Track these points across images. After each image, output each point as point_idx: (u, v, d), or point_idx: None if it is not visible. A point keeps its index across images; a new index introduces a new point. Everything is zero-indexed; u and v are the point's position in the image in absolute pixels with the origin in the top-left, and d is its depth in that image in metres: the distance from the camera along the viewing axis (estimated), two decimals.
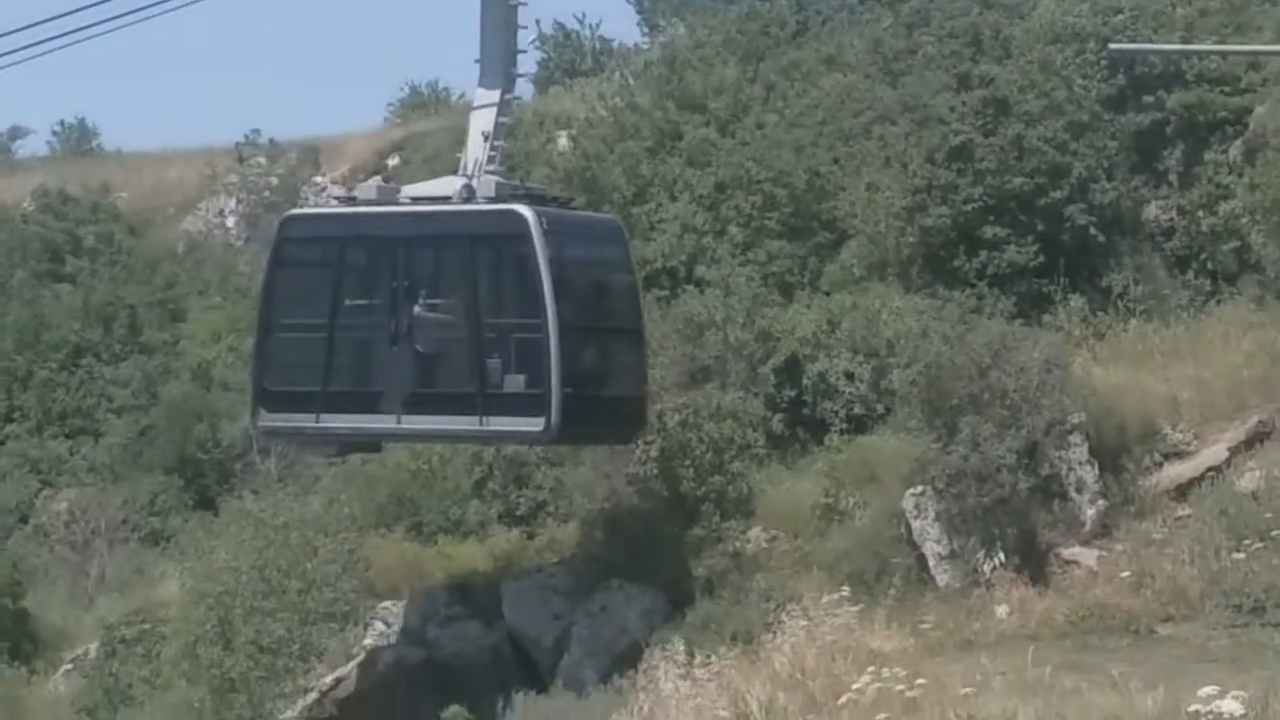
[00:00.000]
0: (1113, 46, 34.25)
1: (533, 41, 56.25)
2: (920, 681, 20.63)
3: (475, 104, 30.30)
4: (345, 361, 29.79)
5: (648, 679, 27.71)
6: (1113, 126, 35.86)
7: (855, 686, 21.74)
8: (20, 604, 41.84)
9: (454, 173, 30.61)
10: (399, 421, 28.97)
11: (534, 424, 27.77)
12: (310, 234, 31.01)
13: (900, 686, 20.62)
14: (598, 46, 61.46)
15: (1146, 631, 27.22)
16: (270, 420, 30.50)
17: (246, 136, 57.89)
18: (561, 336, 27.08)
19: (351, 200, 31.57)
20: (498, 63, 29.69)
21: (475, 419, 28.22)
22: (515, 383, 27.75)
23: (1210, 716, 14.45)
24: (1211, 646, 26.12)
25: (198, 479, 45.27)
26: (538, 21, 50.73)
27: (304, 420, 29.79)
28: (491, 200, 28.48)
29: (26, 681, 39.83)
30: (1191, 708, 15.30)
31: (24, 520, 46.19)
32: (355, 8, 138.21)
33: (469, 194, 28.62)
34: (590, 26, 60.79)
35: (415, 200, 29.93)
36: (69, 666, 39.32)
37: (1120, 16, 35.78)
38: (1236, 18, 35.69)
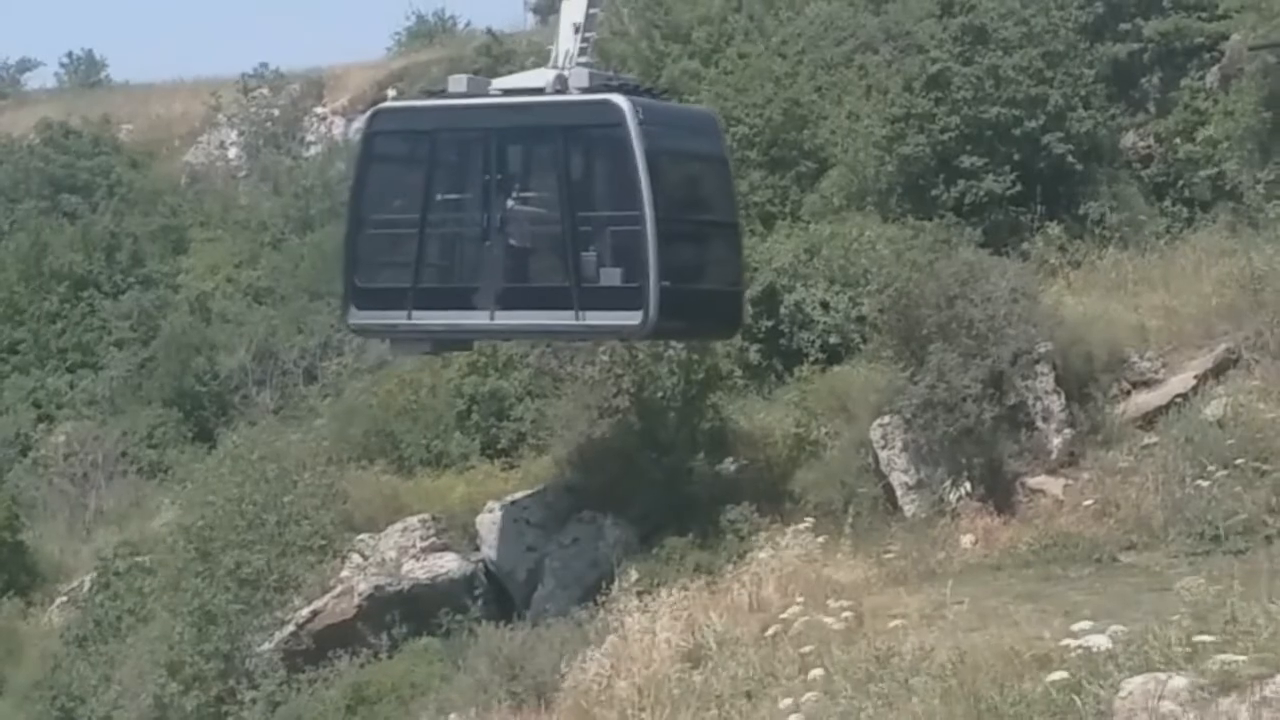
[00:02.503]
0: None
1: None
2: (846, 614, 20.79)
3: None
4: (437, 257, 29.67)
5: (608, 610, 27.92)
6: (1090, 55, 35.85)
7: (782, 617, 21.97)
8: (18, 537, 42.31)
9: None
10: (492, 318, 28.72)
11: (631, 318, 27.44)
12: (399, 127, 30.66)
13: (828, 619, 20.84)
14: None
15: (1109, 560, 27.19)
16: (361, 318, 30.28)
17: (253, 69, 58.06)
18: (658, 229, 26.86)
19: (441, 93, 30.81)
20: None
21: (571, 314, 27.87)
22: (611, 276, 27.59)
23: (1080, 650, 14.62)
24: (1170, 574, 26.28)
25: (196, 411, 45.66)
26: None
27: (396, 317, 29.48)
28: (585, 91, 28.08)
29: (23, 614, 40.36)
30: (1063, 641, 15.52)
31: (24, 453, 46.56)
32: None
33: (561, 85, 28.31)
34: None
35: (507, 92, 29.59)
36: (64, 599, 39.79)
37: None
38: None
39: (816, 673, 18.55)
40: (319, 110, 56.49)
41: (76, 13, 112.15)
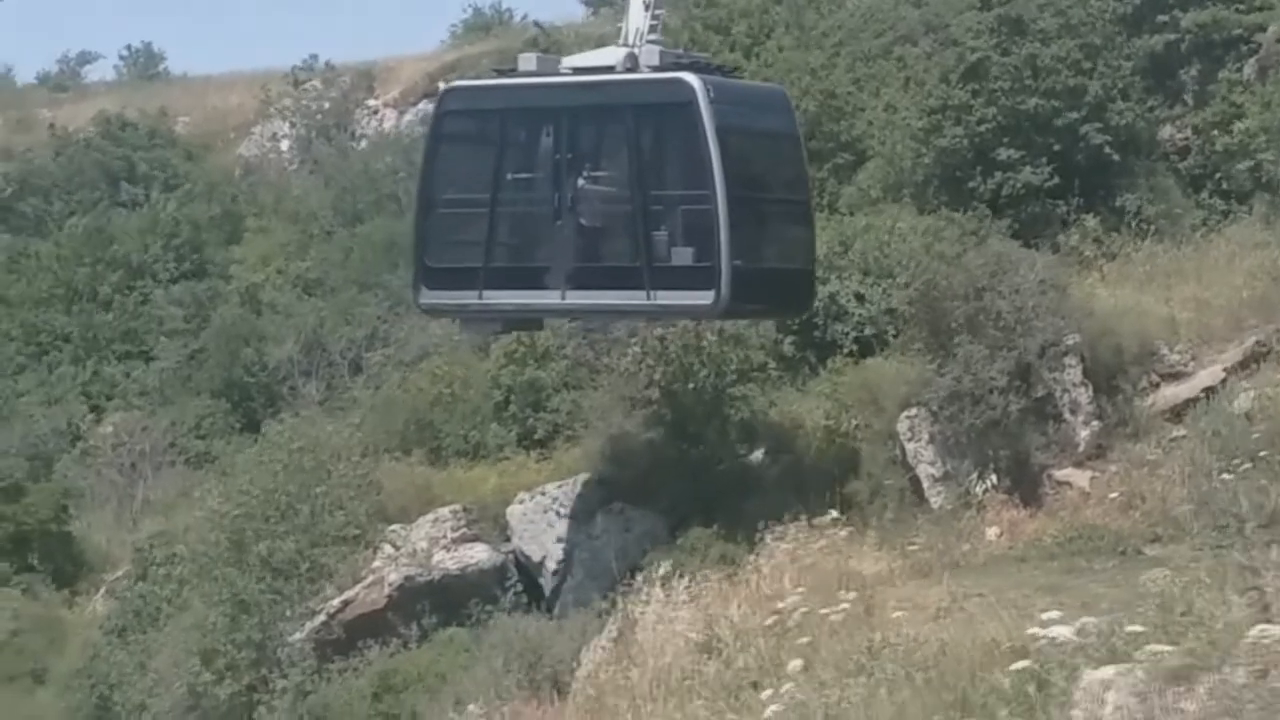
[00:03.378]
0: None
1: None
2: (844, 606, 20.80)
3: None
4: (508, 237, 29.56)
5: (629, 601, 27.99)
6: (1128, 47, 35.79)
7: (779, 607, 22.01)
8: (65, 528, 42.68)
9: None
10: (563, 297, 28.73)
11: (703, 297, 27.34)
12: (470, 106, 30.64)
13: (826, 610, 20.86)
14: None
15: (1134, 553, 27.06)
16: (432, 297, 30.03)
17: (304, 61, 58.36)
18: (730, 207, 26.72)
19: (511, 72, 30.80)
20: None
21: (642, 293, 27.80)
22: (683, 255, 27.54)
23: (1045, 640, 14.64)
24: (1193, 568, 26.23)
25: (244, 402, 45.92)
26: None
27: (467, 297, 29.41)
28: (655, 69, 28.03)
29: (69, 603, 40.73)
30: (1030, 630, 15.53)
31: (74, 443, 46.88)
32: None
33: (632, 63, 28.18)
34: None
35: (577, 71, 29.52)
36: (106, 589, 40.11)
37: None
38: None
39: (796, 664, 18.61)
40: (370, 103, 56.67)
41: (136, 6, 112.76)
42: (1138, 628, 14.20)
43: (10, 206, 56.89)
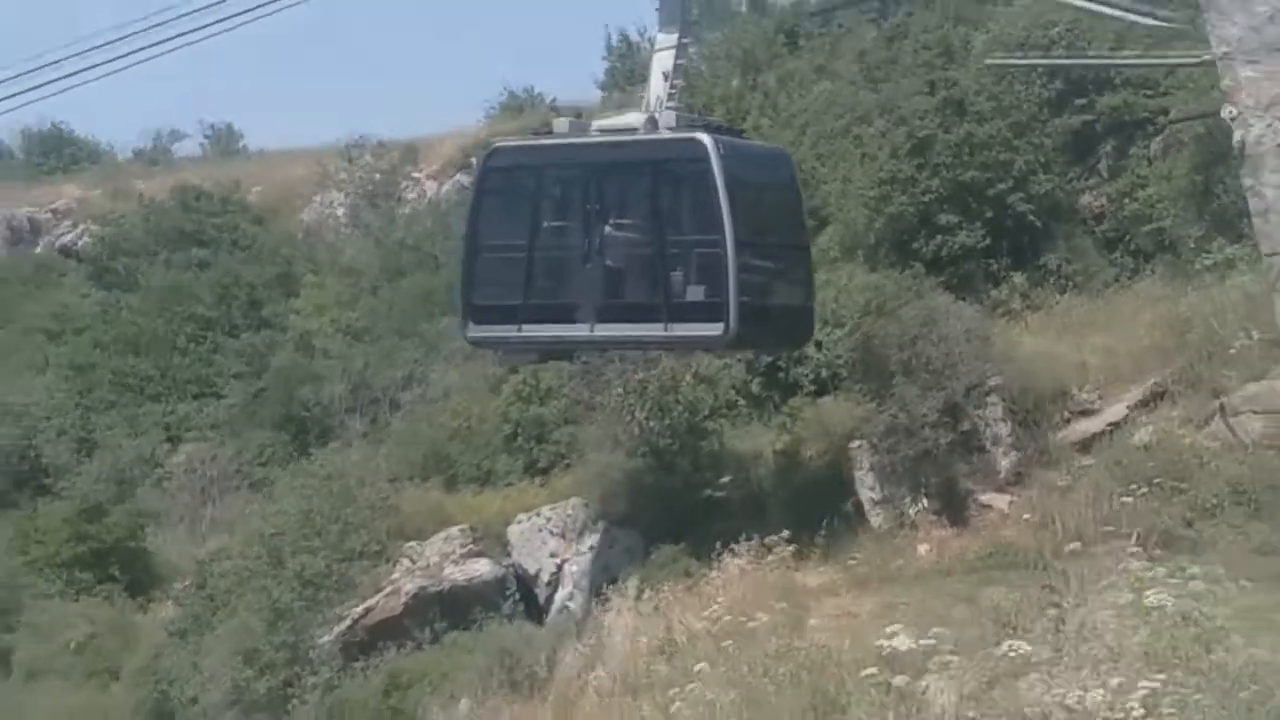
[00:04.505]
0: (989, 61, 34.32)
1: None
2: (762, 617, 20.81)
3: (656, 48, 29.87)
4: (543, 278, 29.03)
5: (603, 610, 28.11)
6: (1051, 125, 35.82)
7: (705, 614, 22.04)
8: (140, 544, 42.79)
9: None
10: (592, 330, 28.45)
11: (713, 329, 27.12)
12: (511, 164, 30.28)
13: (763, 616, 20.80)
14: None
15: (1045, 567, 27.28)
16: (478, 331, 29.84)
17: (357, 139, 58.51)
18: (737, 250, 26.61)
19: (548, 133, 30.89)
20: (675, 10, 29.28)
21: (660, 326, 27.63)
22: (696, 292, 27.29)
23: (888, 650, 14.70)
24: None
25: (300, 434, 45.75)
26: (606, 26, 50.95)
27: (508, 330, 29.29)
28: (673, 130, 27.98)
29: (142, 609, 40.81)
30: (876, 642, 15.58)
31: (153, 470, 47.00)
32: (470, 27, 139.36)
33: (652, 125, 28.10)
34: (650, 40, 60.70)
35: (605, 132, 29.44)
36: (173, 598, 40.20)
37: (1057, 28, 35.56)
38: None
39: (703, 666, 18.66)
40: (413, 174, 56.78)
41: (220, 89, 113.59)
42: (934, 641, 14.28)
43: (105, 265, 57.10)
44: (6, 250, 63.07)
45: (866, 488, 30.44)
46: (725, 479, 31.86)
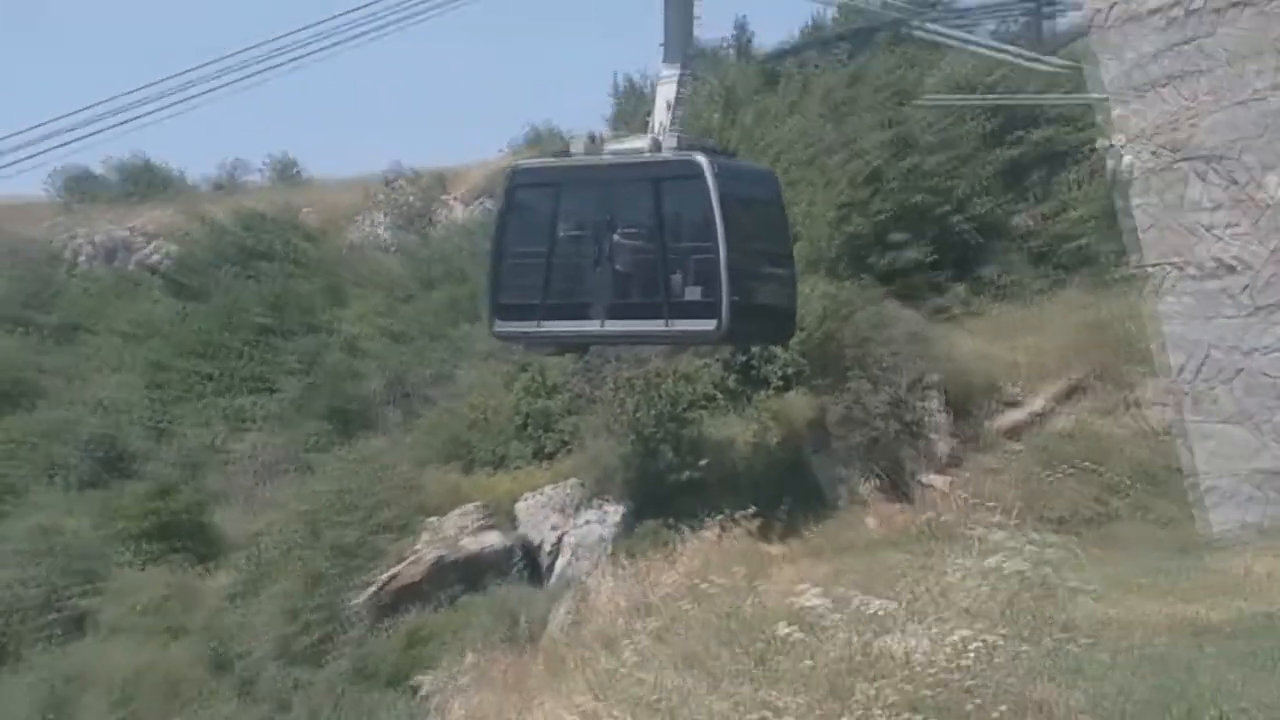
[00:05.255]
0: (916, 102, 34.42)
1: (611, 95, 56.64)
2: (720, 581, 20.68)
3: (660, 79, 29.62)
4: (560, 279, 28.55)
5: (591, 576, 28.12)
6: (989, 156, 35.86)
7: (666, 580, 21.96)
8: (203, 519, 42.79)
9: None
10: (602, 326, 28.15)
11: (708, 325, 26.84)
12: (533, 181, 29.72)
13: (703, 583, 20.66)
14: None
15: (977, 539, 27.22)
16: (503, 326, 29.56)
17: (395, 168, 58.60)
18: (729, 256, 26.36)
19: (565, 154, 30.06)
20: (678, 45, 29.04)
21: (662, 322, 27.35)
22: (693, 293, 26.92)
23: (801, 608, 14.63)
24: (1024, 550, 26.23)
25: (345, 424, 45.64)
26: (615, 73, 50.83)
27: (529, 326, 28.91)
28: (674, 151, 27.66)
29: (205, 576, 40.80)
30: (788, 599, 15.51)
31: (217, 455, 47.02)
32: (496, 68, 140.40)
33: (656, 147, 27.88)
34: (651, 80, 60.53)
35: (615, 153, 29.04)
36: (230, 566, 40.24)
37: (996, 74, 35.53)
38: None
39: (655, 623, 18.62)
40: (444, 198, 56.77)
41: (282, 122, 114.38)
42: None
43: (179, 279, 57.22)
44: (100, 265, 63.32)
45: (823, 470, 30.38)
46: (703, 462, 31.63)
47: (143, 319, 55.13)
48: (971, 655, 10.14)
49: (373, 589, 32.60)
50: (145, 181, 70.73)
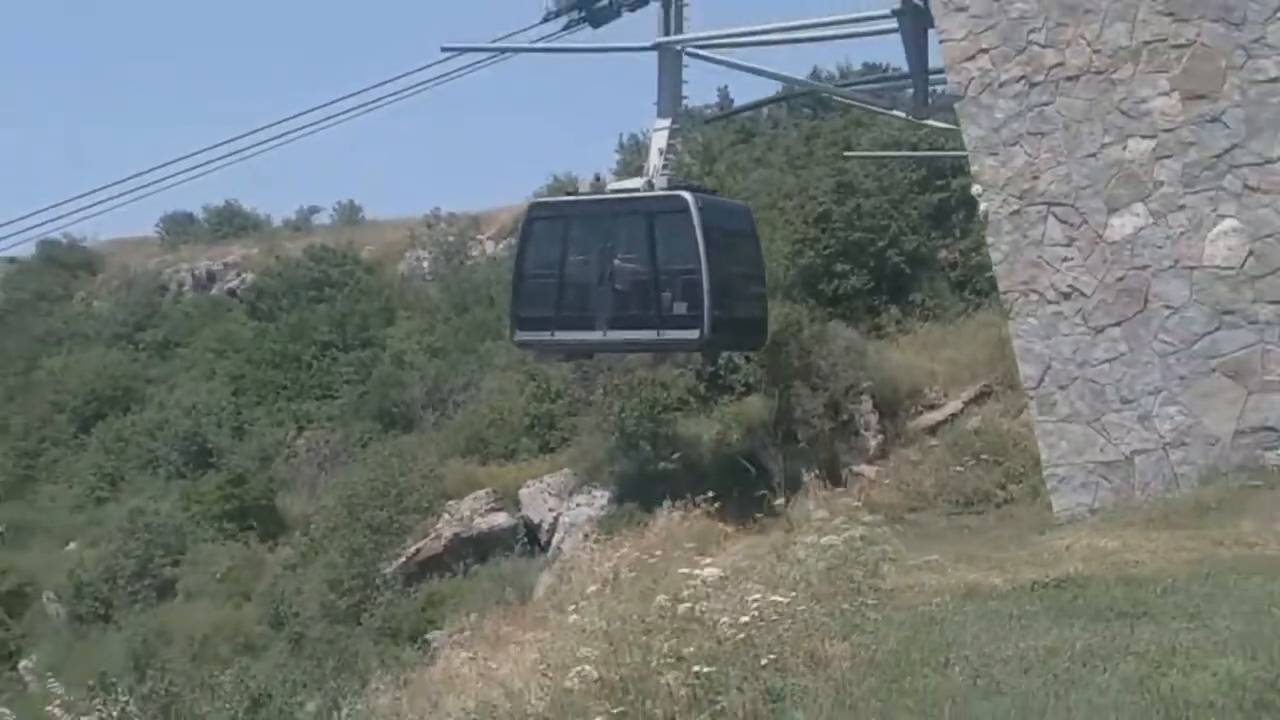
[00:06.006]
0: (847, 154, 34.30)
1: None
2: (662, 554, 20.46)
3: (654, 129, 28.84)
4: (570, 296, 27.99)
5: (574, 550, 28.03)
6: (918, 199, 35.70)
7: (618, 555, 21.73)
8: (270, 503, 42.93)
9: None
10: (605, 335, 27.57)
11: (692, 334, 26.26)
12: (548, 214, 29.13)
13: (653, 558, 20.49)
14: None
15: (899, 518, 27.13)
16: (522, 335, 28.90)
17: (435, 212, 58.68)
18: (710, 277, 25.91)
19: (574, 193, 30.37)
20: (669, 102, 28.37)
21: (654, 331, 26.86)
22: (680, 308, 26.46)
23: (695, 579, 14.30)
24: (934, 527, 26.22)
25: (390, 425, 45.73)
26: (620, 133, 50.78)
27: (543, 335, 28.32)
28: (665, 189, 27.28)
29: (271, 550, 40.91)
30: (682, 570, 15.16)
31: (285, 450, 47.18)
32: (520, 129, 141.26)
33: (650, 186, 27.51)
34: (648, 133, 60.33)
35: (616, 191, 28.99)
36: (290, 542, 40.29)
37: (924, 130, 35.37)
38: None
39: (593, 588, 18.39)
40: (477, 237, 56.78)
41: (348, 172, 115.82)
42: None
43: (256, 303, 57.41)
44: (194, 292, 63.60)
45: (772, 461, 30.21)
46: (675, 455, 31.57)
47: (227, 337, 55.41)
48: (773, 616, 10.06)
49: (401, 560, 32.78)
50: (234, 223, 71.14)
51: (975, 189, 19.79)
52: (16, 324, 64.22)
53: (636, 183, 28.59)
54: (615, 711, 8.86)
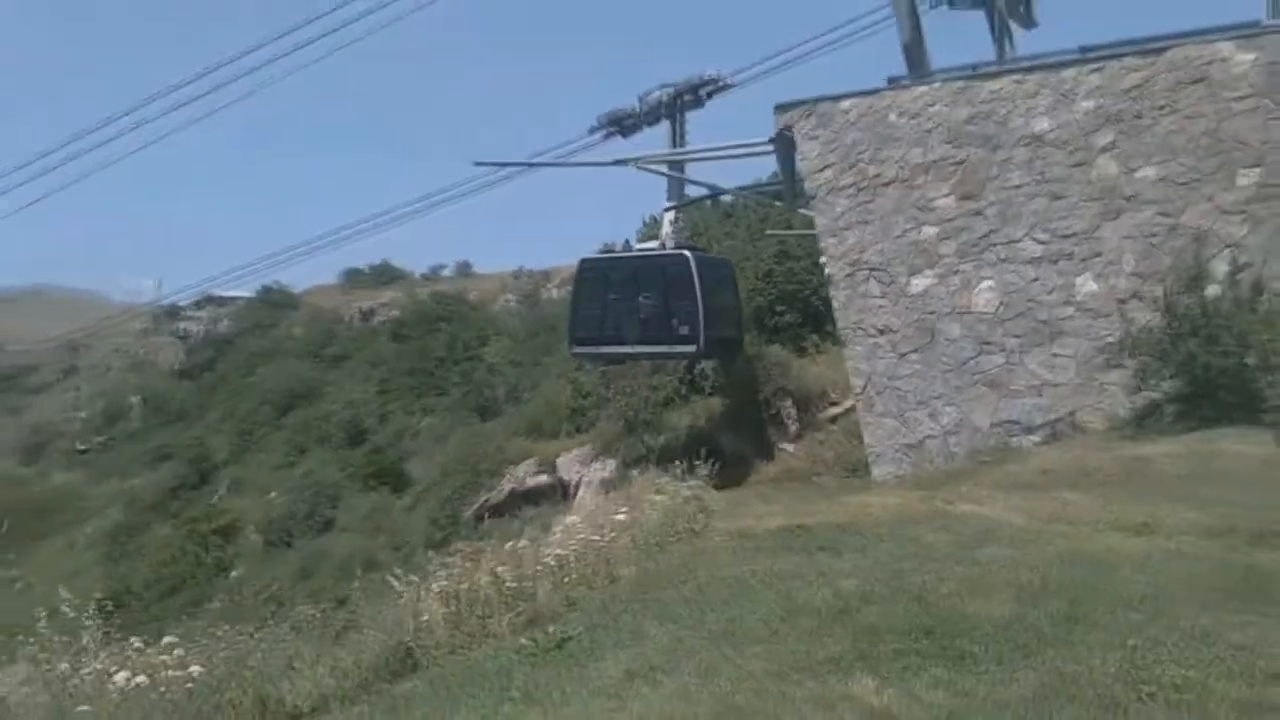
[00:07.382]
0: (768, 232, 34.38)
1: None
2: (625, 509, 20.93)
3: (665, 209, 29.32)
4: (609, 321, 28.09)
5: (588, 499, 28.56)
6: None
7: (619, 503, 22.00)
8: (400, 467, 43.76)
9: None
10: (633, 349, 27.72)
11: (691, 348, 26.56)
12: (594, 265, 29.17)
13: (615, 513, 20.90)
14: None
15: (808, 481, 27.54)
16: (577, 349, 29.05)
17: (518, 269, 59.29)
18: (704, 308, 26.07)
19: (612, 251, 30.62)
20: (676, 193, 29.01)
21: (666, 345, 27.01)
22: (684, 330, 26.65)
23: (615, 524, 14.56)
24: (829, 486, 26.50)
25: (484, 414, 45.94)
26: (643, 214, 51.10)
27: (591, 349, 28.46)
28: (674, 249, 27.63)
29: (397, 500, 41.69)
30: (618, 515, 15.50)
31: (413, 430, 47.92)
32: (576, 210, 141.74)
33: (663, 247, 27.85)
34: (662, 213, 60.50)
35: (640, 251, 29.05)
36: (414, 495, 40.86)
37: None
38: None
39: (573, 518, 18.81)
40: (547, 285, 57.39)
41: (463, 235, 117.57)
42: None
43: (396, 332, 58.28)
44: (359, 322, 64.74)
45: (728, 441, 30.63)
46: (661, 437, 32.04)
47: (377, 353, 56.41)
48: (584, 547, 10.71)
49: (475, 507, 33.34)
50: (387, 274, 72.27)
51: (823, 259, 20.56)
52: (241, 344, 65.97)
53: (653, 244, 29.38)
54: (450, 609, 9.62)
